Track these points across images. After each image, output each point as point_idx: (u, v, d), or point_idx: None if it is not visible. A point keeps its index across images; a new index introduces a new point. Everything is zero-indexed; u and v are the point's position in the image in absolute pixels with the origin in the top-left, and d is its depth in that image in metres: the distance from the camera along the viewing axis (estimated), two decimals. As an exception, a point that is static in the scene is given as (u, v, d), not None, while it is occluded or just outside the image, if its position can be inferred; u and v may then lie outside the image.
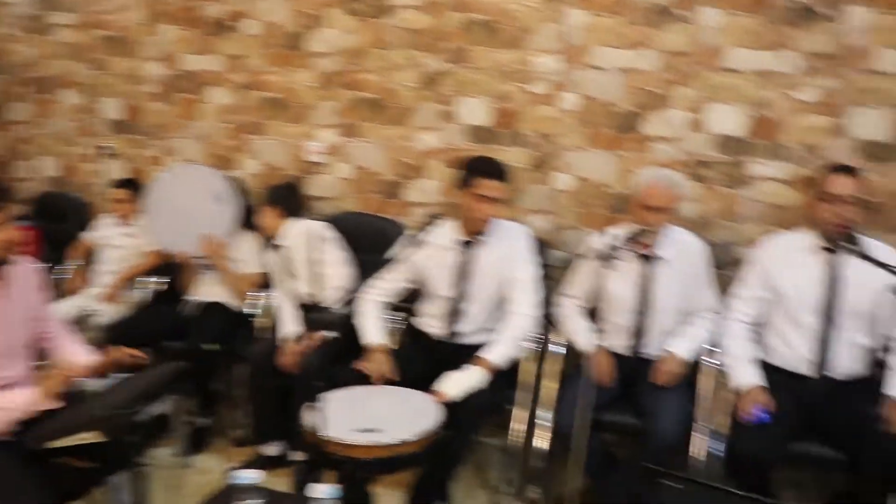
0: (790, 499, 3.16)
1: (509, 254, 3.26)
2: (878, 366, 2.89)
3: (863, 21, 3.33)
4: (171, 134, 4.61)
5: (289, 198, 3.81)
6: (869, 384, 2.90)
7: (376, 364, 3.11)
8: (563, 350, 3.34)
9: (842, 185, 2.93)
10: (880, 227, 3.34)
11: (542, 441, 3.18)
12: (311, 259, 3.63)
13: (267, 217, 3.77)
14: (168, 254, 4.03)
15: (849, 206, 2.91)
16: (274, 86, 4.30)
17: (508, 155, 3.82)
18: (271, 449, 3.54)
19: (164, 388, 2.71)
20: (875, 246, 2.93)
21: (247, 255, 4.00)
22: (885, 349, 2.71)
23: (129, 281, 4.16)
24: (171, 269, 4.11)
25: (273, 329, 3.75)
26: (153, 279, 4.18)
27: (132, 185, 4.27)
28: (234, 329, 3.85)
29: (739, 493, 2.18)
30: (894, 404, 2.60)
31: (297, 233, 3.70)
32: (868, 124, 3.37)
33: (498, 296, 3.28)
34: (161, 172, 4.12)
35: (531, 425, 3.24)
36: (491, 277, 3.26)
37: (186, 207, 3.93)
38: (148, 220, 3.99)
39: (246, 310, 3.92)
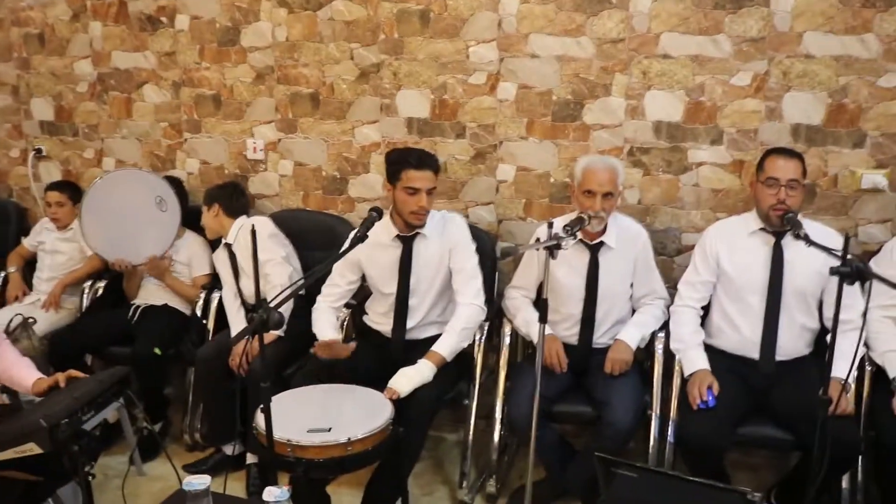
0: (743, 482, 3.21)
1: (448, 244, 3.24)
2: (822, 346, 2.95)
3: (791, 5, 3.36)
4: (105, 134, 4.45)
5: (231, 197, 3.73)
6: (813, 364, 2.96)
7: (331, 350, 3.09)
8: (511, 341, 3.35)
9: (782, 169, 2.96)
10: (817, 210, 3.41)
11: (497, 433, 3.21)
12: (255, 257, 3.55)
13: (210, 217, 3.69)
14: (107, 260, 3.92)
15: (790, 190, 2.94)
16: (209, 82, 4.18)
17: (450, 147, 3.80)
18: (228, 449, 3.49)
19: (109, 395, 2.64)
20: (816, 228, 2.98)
21: (192, 257, 3.92)
22: (829, 330, 2.73)
23: (69, 287, 4.02)
24: (114, 273, 3.99)
25: (221, 330, 3.71)
26: (95, 284, 4.05)
27: (68, 188, 4.14)
28: (181, 332, 3.77)
29: (692, 478, 2.20)
30: (838, 384, 2.64)
31: (242, 231, 3.62)
32: (801, 108, 3.40)
33: (442, 288, 3.27)
34: (98, 175, 3.99)
35: (486, 418, 3.24)
36: (433, 270, 3.25)
37: (126, 213, 3.80)
38: (85, 225, 3.83)
39: (193, 312, 3.85)
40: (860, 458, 2.86)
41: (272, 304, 2.27)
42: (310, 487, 2.71)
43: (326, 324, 3.27)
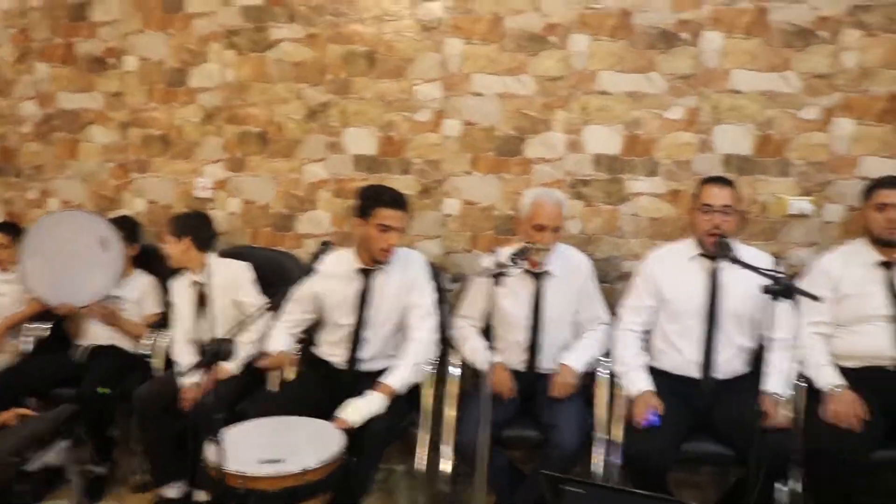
0: (688, 499, 3.26)
1: (408, 281, 3.27)
2: (759, 364, 3.03)
3: (718, 45, 3.51)
4: (50, 175, 4.41)
5: (203, 229, 3.65)
6: (750, 382, 3.00)
7: (279, 363, 3.13)
8: (460, 371, 3.35)
9: (715, 196, 3.09)
10: (749, 235, 3.51)
11: (446, 463, 3.19)
12: (235, 301, 3.53)
13: (179, 248, 3.57)
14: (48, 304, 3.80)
15: (723, 216, 3.05)
16: (157, 122, 4.18)
17: (397, 183, 3.80)
18: (171, 491, 3.41)
19: (54, 435, 2.58)
20: (749, 251, 3.09)
21: (143, 295, 3.86)
22: (764, 348, 2.83)
23: (11, 329, 3.91)
24: (57, 315, 3.88)
25: (166, 368, 3.64)
26: (38, 326, 3.94)
27: (11, 230, 4.05)
28: (127, 371, 3.69)
29: (639, 492, 2.24)
30: (771, 399, 2.74)
31: (221, 272, 3.57)
32: (731, 139, 3.53)
33: (398, 322, 3.28)
34: (41, 217, 3.93)
35: (435, 448, 3.26)
36: (391, 304, 3.26)
37: (68, 254, 3.71)
38: (26, 269, 3.72)
39: (140, 351, 3.76)
40: (797, 467, 2.91)
41: (225, 337, 2.26)
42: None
43: (278, 338, 3.28)
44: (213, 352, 2.18)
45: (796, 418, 3.00)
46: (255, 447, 2.57)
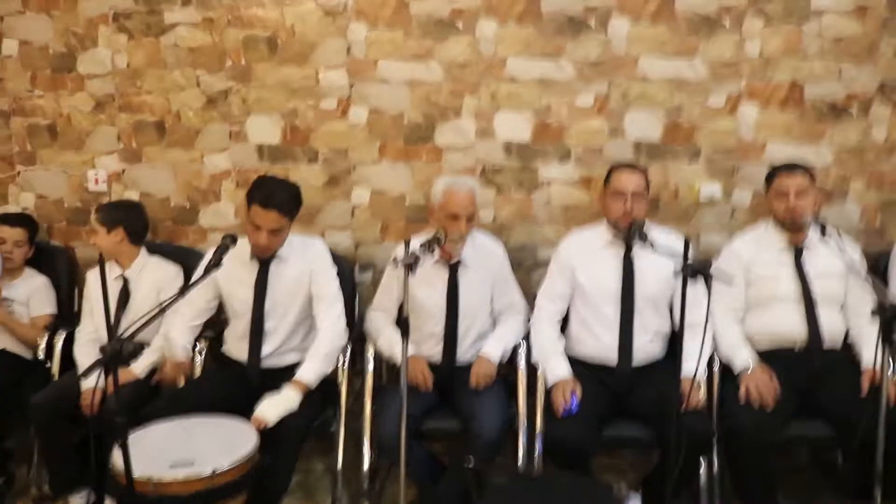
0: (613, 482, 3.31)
1: (307, 269, 3.20)
2: (675, 348, 3.10)
3: (625, 32, 3.56)
4: (-80, 170, 4.15)
5: (133, 219, 3.48)
6: (668, 366, 3.05)
7: (173, 372, 3.12)
8: (376, 364, 3.32)
9: (626, 182, 3.11)
10: (661, 220, 3.55)
11: (366, 457, 3.16)
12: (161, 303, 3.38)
13: (110, 239, 3.39)
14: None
15: (635, 201, 3.09)
16: (43, 111, 3.93)
17: (303, 172, 3.75)
18: (77, 501, 3.26)
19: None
20: (661, 234, 3.14)
21: (33, 295, 3.64)
22: (679, 332, 2.85)
23: None
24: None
25: (65, 372, 3.45)
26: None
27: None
28: (22, 378, 3.47)
29: (562, 477, 2.26)
30: (688, 381, 2.78)
31: (152, 271, 3.45)
32: (640, 126, 3.60)
33: (301, 313, 3.22)
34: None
35: (354, 443, 3.20)
36: (290, 293, 3.19)
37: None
38: None
39: (34, 356, 3.54)
40: (714, 448, 3.00)
41: (126, 335, 2.15)
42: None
43: (178, 334, 3.20)
44: (114, 352, 2.08)
45: (712, 399, 3.09)
46: (163, 450, 2.47)
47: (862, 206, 3.63)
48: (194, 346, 3.31)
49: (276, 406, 2.85)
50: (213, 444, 2.55)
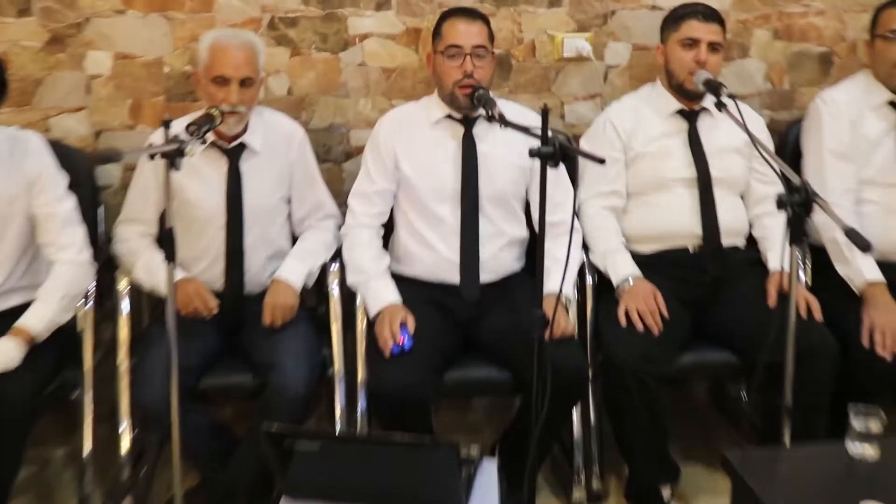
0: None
1: (23, 180, 2.88)
2: (533, 257, 3.03)
3: None
4: None
5: None
6: (526, 281, 2.94)
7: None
8: (134, 302, 3.06)
9: (465, 34, 2.87)
10: (514, 87, 3.44)
11: (125, 434, 2.93)
12: None
13: None
14: None
15: (476, 59, 2.85)
16: None
17: (10, 30, 3.29)
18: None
19: None
20: (514, 110, 2.96)
21: None
22: (539, 235, 2.85)
23: None
24: None
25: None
26: None
27: None
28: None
29: (391, 439, 2.22)
30: (553, 300, 2.56)
31: None
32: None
33: (19, 240, 2.96)
34: None
35: (109, 416, 2.95)
36: (2, 219, 2.84)
37: None
38: None
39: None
40: (590, 389, 2.93)
41: None
42: None
43: None
44: None
45: (585, 324, 3.00)
46: None
47: (767, 62, 3.62)
48: None
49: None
50: None
